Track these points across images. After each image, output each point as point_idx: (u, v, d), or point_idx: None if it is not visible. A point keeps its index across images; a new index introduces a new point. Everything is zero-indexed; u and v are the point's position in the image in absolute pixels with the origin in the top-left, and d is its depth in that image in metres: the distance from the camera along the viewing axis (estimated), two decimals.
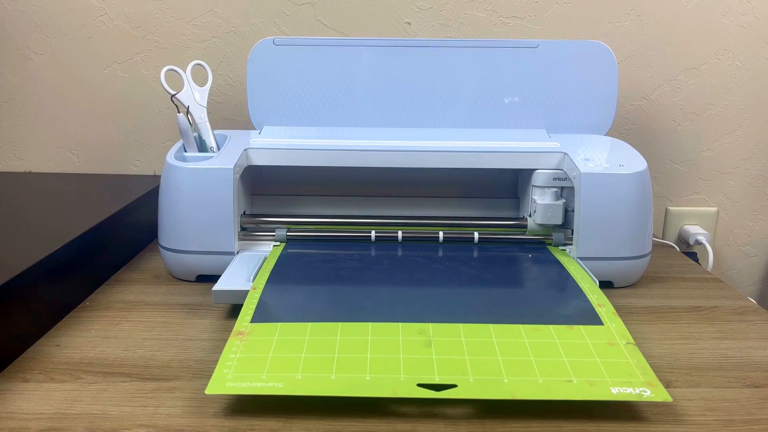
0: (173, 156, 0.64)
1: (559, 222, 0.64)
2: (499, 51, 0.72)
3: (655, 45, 0.86)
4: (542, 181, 0.64)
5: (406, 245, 0.65)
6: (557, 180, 0.64)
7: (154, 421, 0.40)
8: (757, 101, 0.89)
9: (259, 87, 0.73)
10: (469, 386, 0.40)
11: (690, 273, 0.68)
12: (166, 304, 0.58)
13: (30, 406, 0.42)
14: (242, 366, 0.42)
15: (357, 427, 0.39)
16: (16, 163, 0.92)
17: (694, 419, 0.41)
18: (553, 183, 0.64)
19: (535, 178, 0.64)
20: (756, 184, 0.93)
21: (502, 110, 0.73)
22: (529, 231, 0.66)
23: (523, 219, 0.67)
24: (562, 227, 0.66)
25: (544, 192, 0.64)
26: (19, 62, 0.88)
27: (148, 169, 0.92)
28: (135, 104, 0.89)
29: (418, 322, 0.48)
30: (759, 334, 0.53)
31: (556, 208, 0.64)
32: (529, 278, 0.58)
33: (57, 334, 0.52)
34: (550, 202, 0.64)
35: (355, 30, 0.85)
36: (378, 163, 0.64)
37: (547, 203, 0.64)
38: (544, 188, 0.64)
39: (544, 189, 0.64)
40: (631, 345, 0.45)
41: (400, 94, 0.73)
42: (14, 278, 0.48)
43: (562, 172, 0.64)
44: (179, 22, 0.85)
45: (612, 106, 0.72)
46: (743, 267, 0.97)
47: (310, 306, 0.51)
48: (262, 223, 0.67)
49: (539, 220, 0.64)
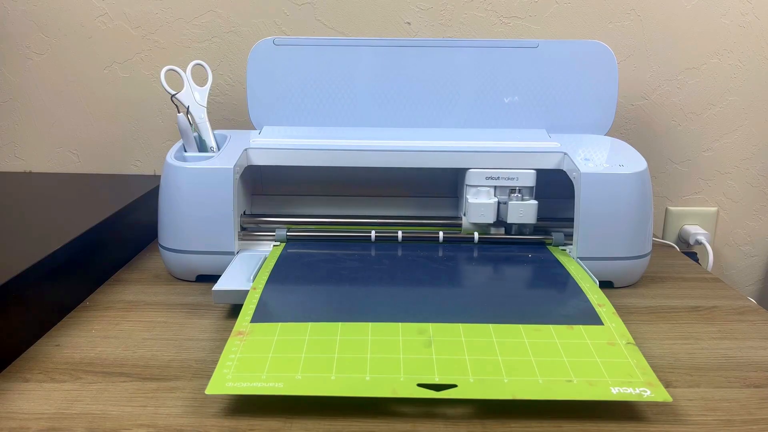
0: (173, 156, 0.64)
1: (491, 221, 0.64)
2: (499, 51, 0.72)
3: (655, 45, 0.86)
4: (475, 180, 0.64)
5: (406, 245, 0.65)
6: (490, 179, 0.64)
7: (154, 421, 0.40)
8: (757, 101, 0.89)
9: (259, 87, 0.73)
10: (469, 386, 0.40)
11: (690, 273, 0.68)
12: (166, 304, 0.58)
13: (30, 406, 0.42)
14: (242, 366, 0.42)
15: (357, 427, 0.39)
16: (16, 163, 0.92)
17: (694, 419, 0.41)
18: (486, 182, 0.64)
19: (468, 178, 0.64)
20: (756, 184, 0.93)
21: (502, 110, 0.73)
22: (464, 230, 0.66)
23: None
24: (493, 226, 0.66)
25: (477, 191, 0.64)
26: (19, 62, 0.88)
27: (148, 169, 0.92)
28: (135, 104, 0.89)
29: (418, 322, 0.48)
30: (759, 334, 0.53)
31: (486, 207, 0.64)
32: (529, 278, 0.58)
33: (57, 334, 0.52)
34: (480, 201, 0.64)
35: (355, 30, 0.85)
36: (378, 163, 0.64)
37: (477, 202, 0.64)
38: (477, 187, 0.64)
39: (477, 188, 0.64)
40: (631, 345, 0.45)
41: (400, 94, 0.73)
42: (14, 278, 0.48)
43: (495, 171, 0.64)
44: (179, 22, 0.85)
45: (612, 106, 0.72)
46: (743, 267, 0.97)
47: (310, 306, 0.51)
48: (262, 223, 0.67)
49: (471, 219, 0.64)
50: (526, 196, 0.64)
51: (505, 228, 0.66)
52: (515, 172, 0.64)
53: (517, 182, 0.64)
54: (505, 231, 0.66)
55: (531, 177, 0.64)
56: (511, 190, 0.64)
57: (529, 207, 0.63)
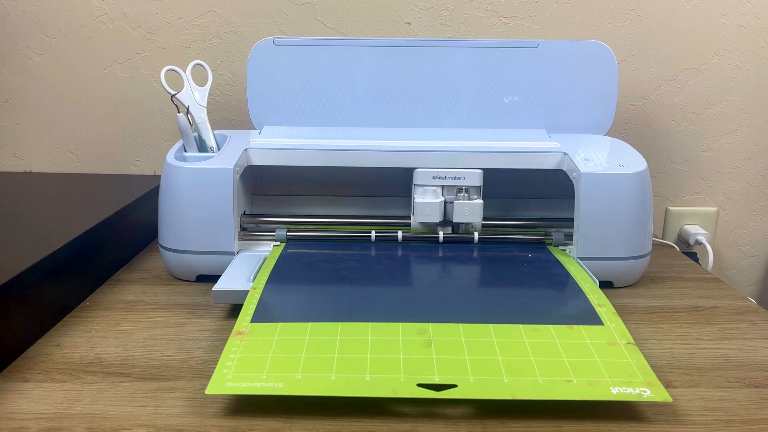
0: (173, 156, 0.64)
1: (437, 220, 0.64)
2: (499, 51, 0.72)
3: (655, 45, 0.86)
4: (422, 180, 0.64)
5: (406, 245, 0.65)
6: (437, 179, 0.63)
7: (154, 421, 0.40)
8: (757, 101, 0.89)
9: (259, 87, 0.73)
10: (469, 386, 0.40)
11: (690, 273, 0.68)
12: (166, 304, 0.58)
13: (30, 406, 0.42)
14: (242, 366, 0.42)
15: (357, 426, 0.39)
16: (16, 163, 0.92)
17: (694, 419, 0.41)
18: (433, 181, 0.63)
19: (416, 177, 0.64)
20: (756, 184, 0.93)
21: (502, 110, 0.73)
22: (413, 230, 0.66)
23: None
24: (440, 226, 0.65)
25: (425, 191, 0.64)
26: (19, 62, 0.88)
27: (148, 169, 0.92)
28: (135, 104, 0.89)
29: (418, 322, 0.48)
30: (759, 334, 0.53)
31: (432, 207, 0.63)
32: (529, 278, 0.58)
33: (57, 334, 0.52)
34: (426, 201, 0.63)
35: (355, 30, 0.85)
36: (378, 163, 0.64)
37: (423, 201, 0.63)
38: (424, 187, 0.64)
39: (424, 188, 0.64)
40: (631, 345, 0.45)
41: (400, 94, 0.73)
42: (14, 278, 0.48)
43: (442, 170, 0.63)
44: (179, 22, 0.85)
45: (612, 106, 0.72)
46: (743, 267, 0.97)
47: (310, 306, 0.51)
48: (262, 223, 0.67)
49: (417, 218, 0.64)
50: (474, 196, 0.64)
51: (452, 227, 0.66)
52: (462, 171, 0.63)
53: (464, 181, 0.63)
54: (452, 230, 0.66)
55: (478, 176, 0.63)
56: (458, 189, 0.64)
57: (475, 206, 0.63)
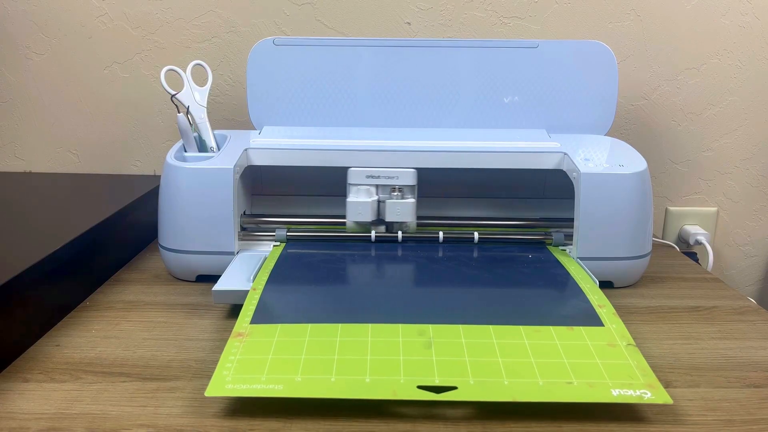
0: (173, 156, 0.64)
1: (369, 219, 0.64)
2: (499, 51, 0.72)
3: (655, 45, 0.86)
4: (355, 179, 0.64)
5: (406, 245, 0.65)
6: (370, 178, 0.63)
7: (154, 421, 0.40)
8: (757, 101, 0.89)
9: (259, 87, 0.73)
10: (469, 388, 0.40)
11: (690, 273, 0.68)
12: (166, 304, 0.58)
13: (30, 406, 0.42)
14: (242, 368, 0.42)
15: (357, 427, 0.39)
16: (16, 163, 0.92)
17: (694, 419, 0.41)
18: (367, 180, 0.63)
19: (349, 176, 0.64)
20: (756, 184, 0.93)
21: (502, 110, 0.73)
22: (348, 228, 0.66)
23: None
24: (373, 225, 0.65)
25: (358, 190, 0.64)
26: (19, 62, 0.87)
27: (148, 169, 0.92)
28: (135, 104, 0.89)
29: (418, 323, 0.47)
30: (759, 334, 0.53)
31: (364, 206, 0.63)
32: (530, 279, 0.58)
33: (57, 334, 0.52)
34: (359, 200, 0.63)
35: (355, 30, 0.85)
36: (378, 164, 0.64)
37: (355, 201, 0.63)
38: (358, 186, 0.64)
39: (358, 187, 0.64)
40: (631, 346, 0.45)
41: (400, 94, 0.73)
42: (14, 278, 0.48)
43: (376, 170, 0.63)
44: (179, 22, 0.85)
45: (612, 106, 0.72)
46: (743, 267, 0.97)
47: (310, 307, 0.51)
48: (262, 223, 0.67)
49: (349, 218, 0.64)
50: (408, 195, 0.64)
51: (386, 227, 0.66)
52: (395, 171, 0.63)
53: (397, 181, 0.63)
54: (386, 229, 0.66)
55: (411, 175, 0.63)
56: (392, 188, 0.64)
57: (407, 205, 0.63)
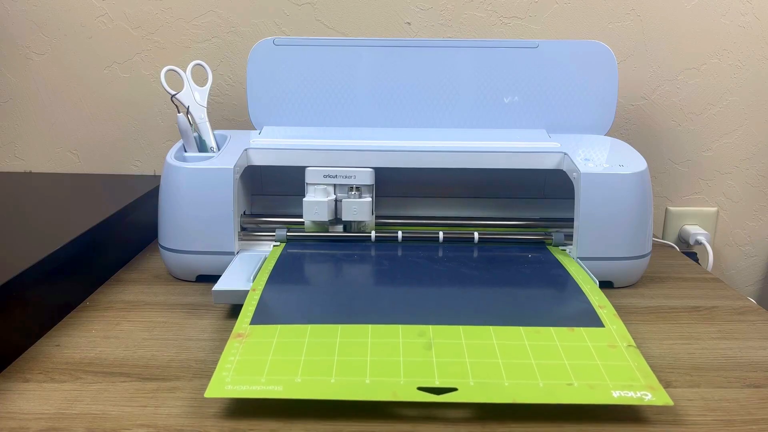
0: (173, 156, 0.64)
1: (326, 219, 0.63)
2: (499, 51, 0.72)
3: (655, 45, 0.86)
4: (313, 178, 0.64)
5: (406, 245, 0.65)
6: (327, 177, 0.63)
7: (154, 421, 0.40)
8: (757, 101, 0.89)
9: (259, 87, 0.73)
10: (469, 389, 0.40)
11: (690, 273, 0.68)
12: (166, 304, 0.58)
13: (30, 406, 0.42)
14: (241, 369, 0.42)
15: (357, 428, 0.39)
16: (16, 163, 0.92)
17: (694, 419, 0.41)
18: (324, 180, 0.63)
19: (307, 176, 0.64)
20: (756, 184, 0.93)
21: (502, 110, 0.73)
22: (306, 228, 0.65)
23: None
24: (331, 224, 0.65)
25: (315, 189, 0.64)
26: (19, 62, 0.87)
27: (148, 169, 0.92)
28: (135, 104, 0.89)
29: (419, 324, 0.47)
30: (759, 334, 0.53)
31: (320, 205, 0.63)
32: (530, 279, 0.58)
33: (57, 334, 0.52)
34: (315, 199, 0.63)
35: (355, 30, 0.85)
36: (378, 163, 0.64)
37: (311, 200, 0.63)
38: (315, 185, 0.64)
39: (315, 186, 0.64)
40: (632, 348, 0.45)
41: (400, 94, 0.73)
42: (14, 278, 0.48)
43: (333, 169, 0.63)
44: (179, 22, 0.85)
45: (612, 106, 0.72)
46: (743, 267, 0.97)
47: (310, 307, 0.51)
48: (262, 223, 0.67)
49: (306, 217, 0.64)
50: (365, 194, 0.64)
51: (344, 226, 0.66)
52: (352, 170, 0.63)
53: (354, 180, 0.63)
54: (344, 229, 0.66)
55: (368, 175, 0.63)
56: (350, 188, 0.64)
57: (363, 204, 0.63)
